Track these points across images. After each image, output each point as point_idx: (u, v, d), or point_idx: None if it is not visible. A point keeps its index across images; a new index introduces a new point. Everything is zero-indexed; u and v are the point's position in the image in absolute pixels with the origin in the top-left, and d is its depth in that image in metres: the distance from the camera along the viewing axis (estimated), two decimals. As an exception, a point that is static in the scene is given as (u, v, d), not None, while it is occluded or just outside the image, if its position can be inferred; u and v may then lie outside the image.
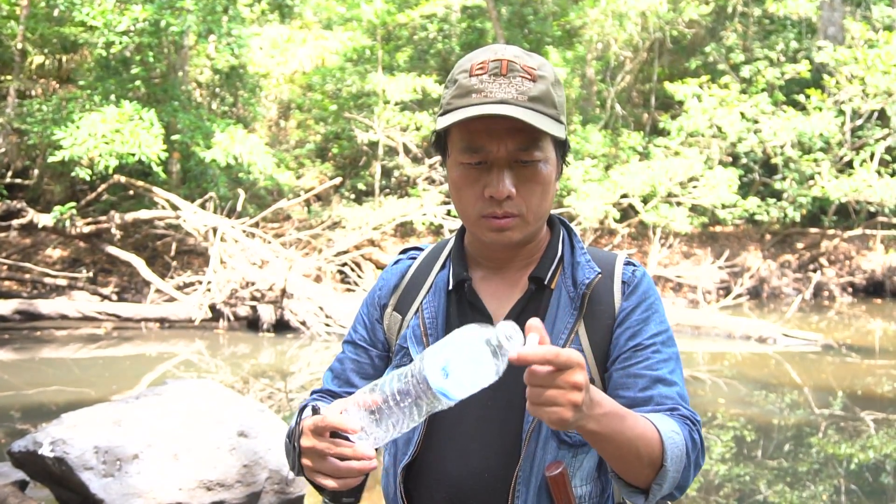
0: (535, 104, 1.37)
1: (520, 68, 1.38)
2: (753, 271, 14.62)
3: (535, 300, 1.49)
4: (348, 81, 15.19)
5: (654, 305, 1.49)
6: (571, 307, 1.46)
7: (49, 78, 14.31)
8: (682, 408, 1.41)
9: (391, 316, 1.58)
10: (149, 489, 3.24)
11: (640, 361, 1.43)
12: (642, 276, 1.52)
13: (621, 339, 1.45)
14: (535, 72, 1.39)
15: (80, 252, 12.77)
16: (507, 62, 1.38)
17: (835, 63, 14.59)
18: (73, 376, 8.40)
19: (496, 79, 1.38)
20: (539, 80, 1.39)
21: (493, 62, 1.39)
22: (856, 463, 6.04)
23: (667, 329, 1.49)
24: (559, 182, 1.52)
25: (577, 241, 1.56)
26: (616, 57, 15.92)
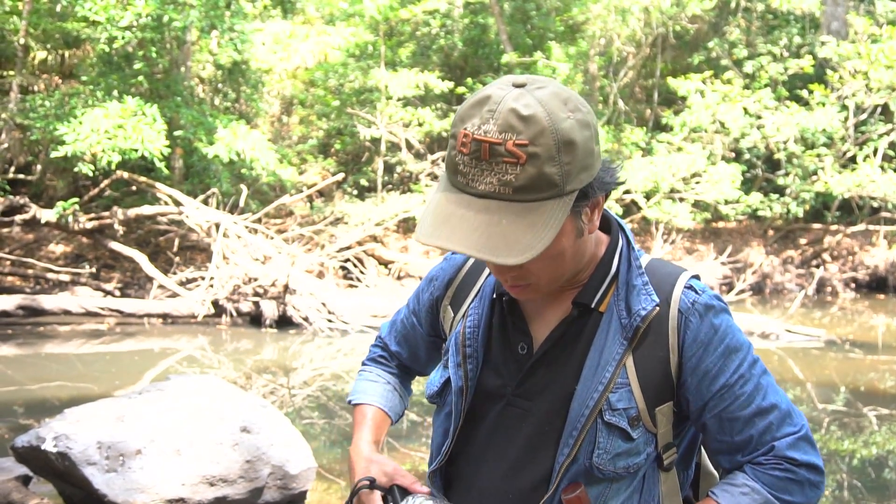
0: (521, 194, 1.20)
1: (505, 151, 1.18)
2: (756, 267, 14.61)
3: (579, 324, 1.38)
4: (351, 77, 15.17)
5: (726, 333, 1.35)
6: (622, 336, 1.35)
7: (52, 73, 14.31)
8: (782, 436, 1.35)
9: (446, 309, 1.54)
10: (151, 484, 3.25)
11: (731, 403, 1.35)
12: (707, 304, 1.36)
13: (701, 386, 1.34)
14: (525, 149, 1.18)
15: (83, 248, 12.78)
16: (488, 146, 1.19)
17: (838, 58, 14.56)
18: (76, 372, 8.41)
19: (479, 163, 1.20)
20: (530, 162, 1.18)
21: (475, 143, 1.20)
22: (858, 458, 6.03)
23: (746, 351, 1.37)
24: (599, 210, 1.33)
25: (636, 256, 1.40)
26: (619, 52, 15.90)
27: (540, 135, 1.19)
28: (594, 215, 1.32)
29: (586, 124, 1.24)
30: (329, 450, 5.90)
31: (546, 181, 1.20)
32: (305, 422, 6.71)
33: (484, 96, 1.23)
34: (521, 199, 1.20)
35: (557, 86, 1.26)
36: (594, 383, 1.34)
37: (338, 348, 9.78)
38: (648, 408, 1.35)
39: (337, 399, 7.60)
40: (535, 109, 1.19)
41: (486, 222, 1.20)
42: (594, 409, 1.33)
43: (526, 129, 1.18)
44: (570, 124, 1.21)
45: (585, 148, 1.23)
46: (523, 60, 15.82)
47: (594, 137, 1.26)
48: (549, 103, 1.21)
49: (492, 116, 1.20)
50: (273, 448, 3.53)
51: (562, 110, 1.21)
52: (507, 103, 1.20)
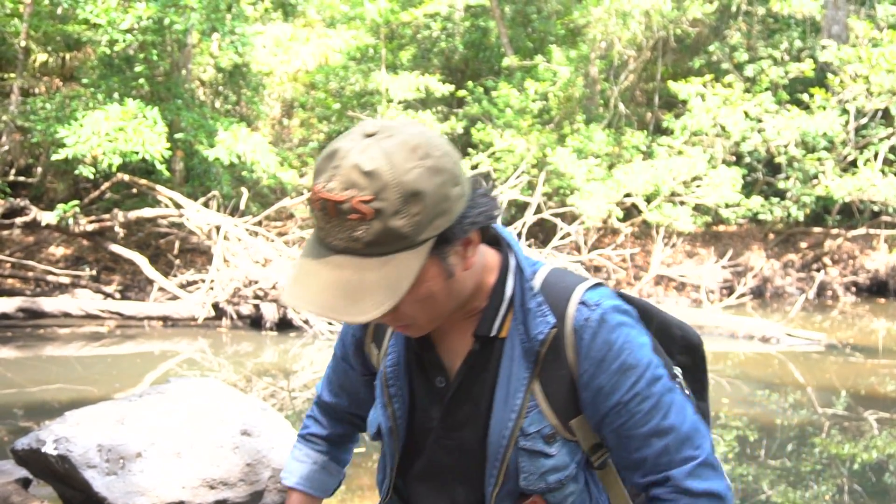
0: (372, 248, 1.18)
1: (350, 209, 1.16)
2: (757, 271, 14.61)
3: (485, 353, 1.36)
4: (351, 80, 15.18)
5: (622, 349, 1.31)
6: (526, 360, 1.34)
7: (52, 76, 14.31)
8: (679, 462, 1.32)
9: (370, 347, 1.52)
10: (152, 487, 3.24)
11: (627, 420, 1.32)
12: (599, 319, 1.32)
13: (597, 401, 1.32)
14: (369, 205, 1.15)
15: (84, 250, 12.78)
16: (333, 205, 1.16)
17: (839, 62, 14.56)
18: (76, 374, 8.41)
19: (329, 219, 1.18)
20: (377, 217, 1.16)
21: (322, 200, 1.18)
22: (859, 463, 6.03)
23: (645, 366, 1.32)
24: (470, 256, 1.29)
25: (527, 277, 1.37)
26: (619, 56, 15.91)
27: (383, 189, 1.16)
28: (467, 253, 1.28)
29: (437, 170, 1.19)
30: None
31: (395, 235, 1.17)
32: (305, 425, 6.70)
33: (332, 150, 1.20)
34: (372, 254, 1.18)
35: (409, 132, 1.21)
36: (506, 412, 1.34)
37: (338, 351, 9.76)
38: (562, 422, 1.35)
39: (337, 402, 7.59)
40: (378, 163, 1.16)
41: (337, 280, 1.19)
42: (511, 439, 1.34)
43: (369, 184, 1.15)
44: (416, 174, 1.17)
45: (437, 195, 1.19)
46: (524, 64, 15.83)
47: (452, 179, 1.21)
48: (395, 154, 1.17)
49: (336, 173, 1.17)
50: (274, 451, 3.53)
51: (408, 160, 1.17)
52: (350, 158, 1.17)
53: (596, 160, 14.05)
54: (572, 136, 14.46)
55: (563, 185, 13.79)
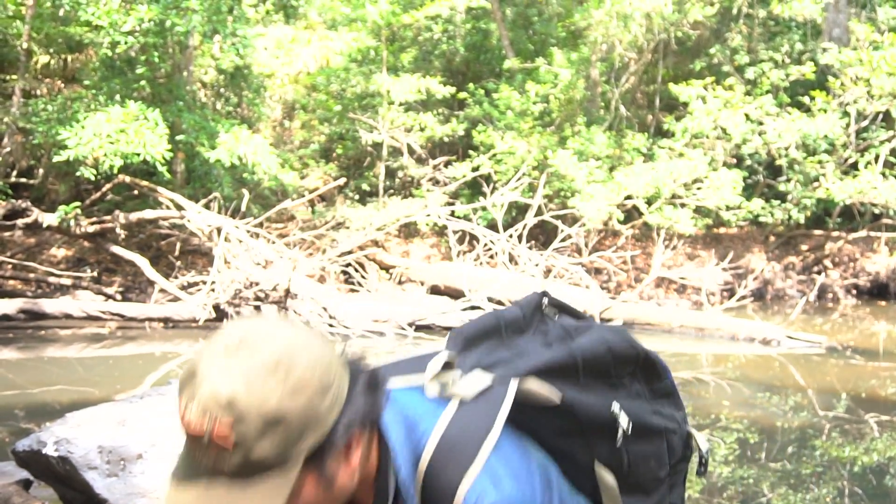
0: (240, 477, 1.11)
1: (210, 440, 1.10)
2: (757, 273, 14.61)
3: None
4: (353, 82, 15.20)
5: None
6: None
7: (54, 77, 14.34)
8: None
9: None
10: (153, 489, 3.24)
11: None
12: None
13: None
14: (230, 437, 1.09)
15: (85, 251, 12.79)
16: (194, 436, 1.11)
17: (840, 65, 14.57)
18: (77, 375, 8.41)
19: (194, 443, 1.12)
20: (237, 448, 1.09)
21: (185, 424, 1.12)
22: (860, 466, 6.03)
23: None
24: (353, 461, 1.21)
25: (403, 474, 1.26)
26: (620, 58, 15.92)
27: (242, 418, 1.08)
28: (350, 457, 1.21)
29: (301, 388, 1.12)
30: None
31: (258, 462, 1.11)
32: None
33: (191, 370, 1.13)
34: (238, 478, 1.11)
35: (271, 344, 1.13)
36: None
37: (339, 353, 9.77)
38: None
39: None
40: (235, 389, 1.09)
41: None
42: None
43: (225, 415, 1.08)
44: (276, 398, 1.10)
45: (302, 415, 1.12)
46: (525, 66, 15.84)
47: (319, 392, 1.14)
48: (254, 377, 1.10)
49: (193, 397, 1.11)
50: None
51: (268, 382, 1.10)
52: (208, 384, 1.10)
53: (597, 162, 14.07)
54: (573, 138, 14.48)
55: (563, 188, 13.80)
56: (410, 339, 10.30)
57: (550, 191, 13.74)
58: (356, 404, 1.18)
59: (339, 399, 1.17)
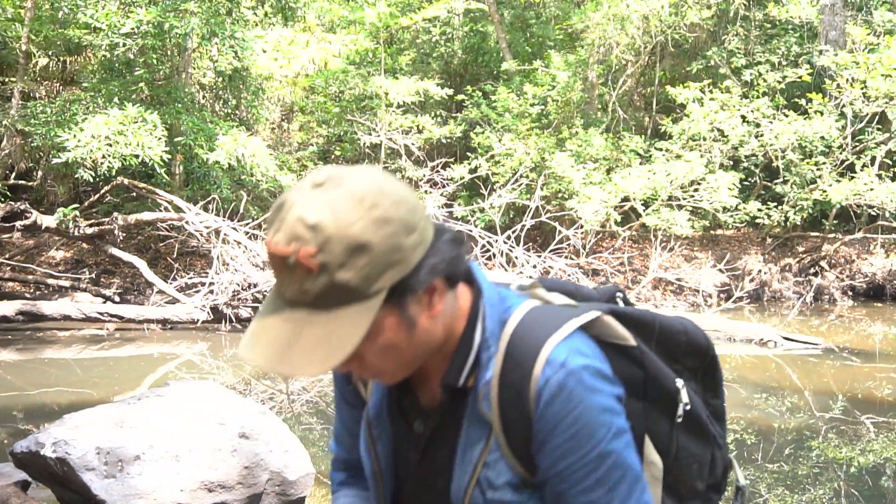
0: (321, 301, 1.15)
1: (295, 262, 1.14)
2: (754, 275, 14.63)
3: (454, 402, 1.33)
4: (351, 84, 15.22)
5: (580, 418, 1.25)
6: (487, 411, 1.29)
7: (53, 80, 14.36)
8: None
9: (358, 382, 1.49)
10: (150, 490, 3.26)
11: (570, 487, 1.27)
12: (562, 381, 1.25)
13: (545, 461, 1.28)
14: (314, 259, 1.13)
15: (83, 253, 12.80)
16: (280, 259, 1.15)
17: (836, 67, 14.60)
18: (75, 377, 8.43)
19: (280, 271, 1.17)
20: (322, 271, 1.13)
21: (271, 253, 1.16)
22: (856, 467, 6.05)
23: (599, 439, 1.26)
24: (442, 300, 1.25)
25: (487, 326, 1.31)
26: (618, 60, 15.95)
27: (327, 242, 1.13)
28: (432, 301, 1.24)
29: (385, 220, 1.16)
30: (327, 456, 5.91)
31: (341, 289, 1.14)
32: (304, 427, 6.73)
33: (281, 202, 1.18)
34: (321, 307, 1.16)
35: (358, 180, 1.18)
36: (465, 464, 1.32)
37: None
38: (528, 471, 1.31)
39: (335, 405, 7.61)
40: (321, 216, 1.14)
41: (288, 333, 1.17)
42: (467, 491, 1.31)
43: (313, 237, 1.13)
44: (361, 226, 1.14)
45: (385, 246, 1.15)
46: (522, 68, 15.87)
47: (404, 229, 1.18)
48: (340, 206, 1.15)
49: (282, 226, 1.15)
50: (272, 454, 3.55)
51: (354, 211, 1.14)
52: (295, 210, 1.15)
53: (594, 164, 14.09)
54: (571, 140, 14.50)
55: (561, 189, 13.82)
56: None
57: (548, 192, 13.76)
58: (441, 252, 1.23)
59: (423, 242, 1.20)
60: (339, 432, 1.61)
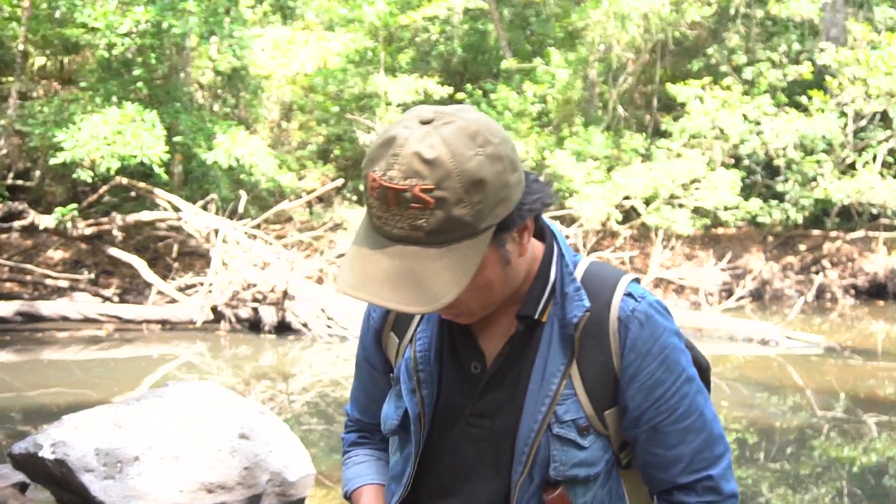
0: (434, 237, 1.18)
1: (412, 197, 1.15)
2: (756, 273, 14.60)
3: (526, 337, 1.36)
4: (350, 83, 15.18)
5: (667, 343, 1.33)
6: (563, 346, 1.33)
7: (51, 79, 14.32)
8: (713, 460, 1.35)
9: (389, 336, 1.49)
10: (149, 491, 3.23)
11: (667, 416, 1.34)
12: (646, 311, 1.34)
13: (638, 395, 1.33)
14: (432, 194, 1.15)
15: (82, 253, 12.77)
16: (394, 193, 1.16)
17: (837, 65, 14.57)
18: (74, 378, 8.40)
19: (388, 208, 1.18)
20: (438, 206, 1.16)
21: (382, 189, 1.17)
22: (858, 466, 6.02)
23: (685, 365, 1.35)
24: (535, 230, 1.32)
25: (567, 263, 1.37)
26: (618, 58, 15.92)
27: (446, 178, 1.15)
28: (522, 240, 1.30)
29: (497, 157, 1.20)
30: (328, 456, 5.89)
31: (457, 223, 1.17)
32: (304, 428, 6.70)
33: (390, 137, 1.19)
34: (434, 243, 1.18)
35: (466, 118, 1.21)
36: (540, 397, 1.33)
37: (337, 354, 9.77)
38: (597, 413, 1.34)
39: (336, 405, 7.58)
40: (438, 151, 1.16)
41: (399, 270, 1.18)
42: (542, 424, 1.32)
43: (431, 173, 1.15)
44: (477, 162, 1.17)
45: (497, 182, 1.19)
46: (522, 66, 15.83)
47: (510, 167, 1.22)
48: (455, 142, 1.17)
49: (396, 161, 1.16)
50: (272, 455, 3.52)
51: (468, 147, 1.17)
52: (410, 146, 1.16)
53: (595, 163, 14.06)
54: (571, 138, 14.47)
55: (561, 188, 13.79)
56: (408, 340, 10.27)
57: (548, 191, 13.73)
58: (534, 191, 1.28)
59: (521, 181, 1.26)
60: (357, 394, 1.61)
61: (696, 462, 1.35)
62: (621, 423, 1.37)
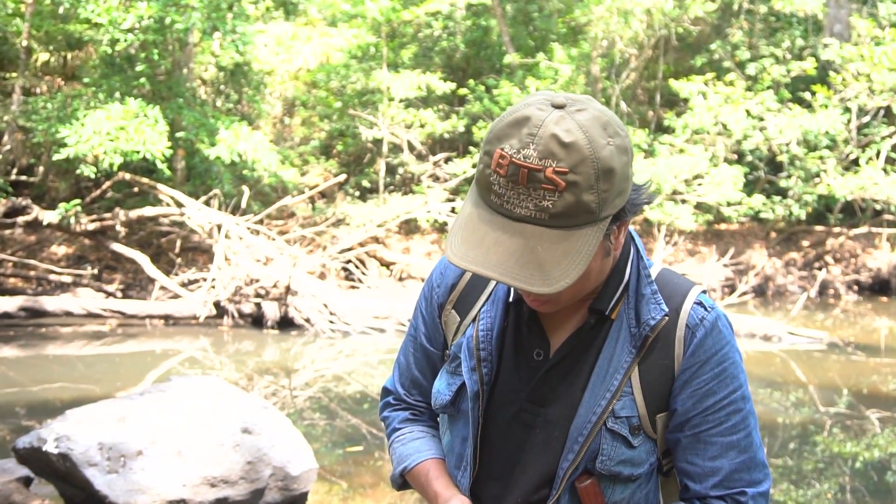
0: (557, 220, 1.19)
1: (545, 178, 1.16)
2: (758, 269, 14.59)
3: (594, 331, 1.38)
4: (353, 78, 15.17)
5: (728, 356, 1.36)
6: (631, 345, 1.35)
7: (54, 75, 14.32)
8: (752, 483, 1.34)
9: (450, 314, 1.50)
10: (153, 485, 3.24)
11: (712, 427, 1.34)
12: (714, 321, 1.35)
13: (689, 401, 1.34)
14: (564, 177, 1.16)
15: (85, 249, 12.78)
16: (527, 172, 1.16)
17: (841, 60, 14.54)
18: (77, 373, 8.42)
19: (515, 186, 1.18)
20: (569, 189, 1.17)
21: (513, 166, 1.17)
22: (861, 461, 6.02)
23: (743, 382, 1.37)
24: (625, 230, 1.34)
25: (644, 265, 1.40)
26: (621, 54, 15.89)
27: (581, 163, 1.17)
28: (621, 234, 1.33)
29: (624, 149, 1.24)
30: (330, 451, 5.90)
31: (583, 209, 1.19)
32: (307, 423, 6.71)
33: (523, 117, 1.20)
34: (557, 226, 1.20)
35: (597, 108, 1.24)
36: (602, 391, 1.34)
37: (339, 349, 9.78)
38: (649, 415, 1.35)
39: (338, 401, 7.60)
40: (576, 136, 1.18)
41: (521, 248, 1.19)
42: (600, 417, 1.33)
43: (567, 156, 1.17)
44: (609, 152, 1.19)
45: (623, 174, 1.23)
46: (525, 62, 15.81)
47: (630, 161, 1.26)
48: (591, 129, 1.19)
49: (532, 141, 1.17)
50: (274, 449, 3.53)
51: (602, 136, 1.20)
52: (547, 128, 1.18)
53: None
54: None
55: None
56: (411, 335, 10.28)
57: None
58: (637, 188, 1.31)
59: (632, 177, 1.29)
60: (405, 370, 1.59)
61: (732, 479, 1.33)
62: (668, 427, 1.38)
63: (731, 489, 1.33)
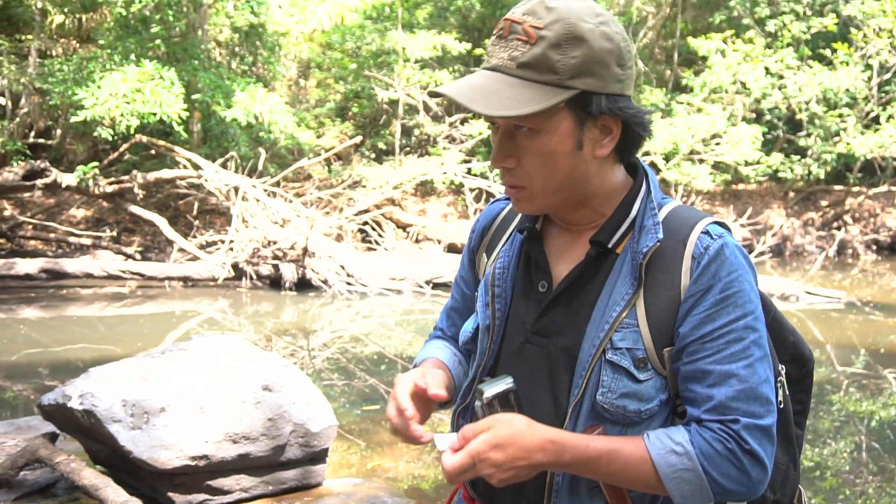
0: (523, 71, 1.27)
1: (521, 30, 1.28)
2: (776, 229, 14.51)
3: (596, 264, 1.38)
4: (368, 39, 15.08)
5: (733, 284, 1.31)
6: (633, 276, 1.34)
7: (69, 37, 14.31)
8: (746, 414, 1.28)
9: (481, 257, 1.57)
10: (175, 441, 3.29)
11: (710, 354, 1.29)
12: (719, 249, 1.32)
13: (689, 327, 1.31)
14: (537, 31, 1.27)
15: (104, 212, 12.87)
16: (510, 24, 1.29)
17: (862, 16, 14.30)
18: (98, 334, 8.52)
19: (499, 41, 1.30)
20: (538, 43, 1.26)
21: (504, 22, 1.31)
22: (877, 420, 6.03)
23: (749, 312, 1.31)
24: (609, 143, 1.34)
25: (652, 199, 1.39)
26: (639, 12, 15.69)
27: (555, 22, 1.27)
28: (604, 140, 1.34)
29: (607, 37, 1.29)
30: (349, 410, 5.96)
31: (547, 65, 1.26)
32: (325, 383, 6.78)
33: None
34: (522, 77, 1.27)
35: (603, 9, 1.32)
36: (601, 323, 1.34)
37: (357, 311, 9.84)
38: (656, 349, 1.33)
39: (356, 361, 7.66)
40: (561, 3, 1.28)
41: (484, 84, 1.29)
42: (599, 348, 1.33)
43: (546, 15, 1.27)
44: (588, 27, 1.28)
45: (598, 53, 1.28)
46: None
47: (617, 57, 1.30)
48: (580, 8, 1.29)
49: (526, 3, 1.30)
50: (295, 406, 3.56)
51: (588, 15, 1.29)
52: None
53: (614, 118, 13.93)
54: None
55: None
56: (428, 296, 10.33)
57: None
58: (634, 109, 1.35)
59: (623, 89, 1.33)
60: (449, 311, 1.68)
61: (727, 407, 1.28)
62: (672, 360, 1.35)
63: (724, 416, 1.29)
